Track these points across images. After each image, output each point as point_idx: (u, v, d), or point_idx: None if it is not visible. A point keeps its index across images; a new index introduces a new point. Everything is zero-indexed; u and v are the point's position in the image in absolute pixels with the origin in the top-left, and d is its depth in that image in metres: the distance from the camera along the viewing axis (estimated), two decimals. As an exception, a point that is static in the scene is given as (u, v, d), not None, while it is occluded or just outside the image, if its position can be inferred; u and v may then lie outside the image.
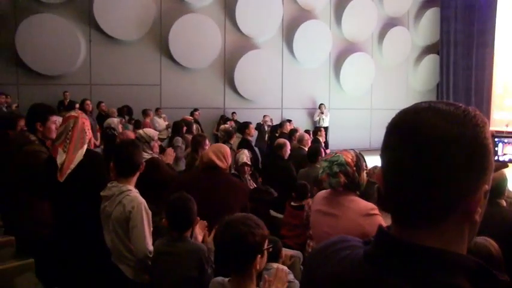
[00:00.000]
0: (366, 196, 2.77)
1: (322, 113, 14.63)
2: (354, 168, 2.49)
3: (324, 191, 2.80)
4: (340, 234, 1.91)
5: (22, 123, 4.26)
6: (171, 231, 2.72)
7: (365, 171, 2.60)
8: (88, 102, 9.81)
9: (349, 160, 2.51)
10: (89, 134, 3.13)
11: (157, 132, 4.96)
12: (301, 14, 14.94)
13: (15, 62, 11.98)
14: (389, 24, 16.34)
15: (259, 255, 1.95)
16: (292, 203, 4.75)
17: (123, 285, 2.78)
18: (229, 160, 3.71)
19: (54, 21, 12.04)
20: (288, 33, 14.88)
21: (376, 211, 2.42)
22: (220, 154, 3.54)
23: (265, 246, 2.00)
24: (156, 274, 2.71)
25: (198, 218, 2.78)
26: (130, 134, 5.75)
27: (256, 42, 14.50)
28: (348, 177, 2.48)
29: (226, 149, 3.73)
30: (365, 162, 2.69)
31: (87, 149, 2.99)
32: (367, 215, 2.40)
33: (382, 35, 16.29)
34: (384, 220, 2.27)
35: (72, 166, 2.94)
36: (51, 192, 3.08)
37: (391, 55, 16.45)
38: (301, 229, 4.50)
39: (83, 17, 12.62)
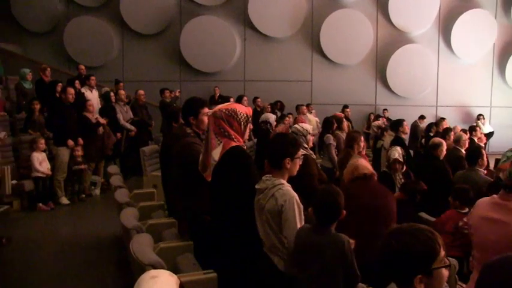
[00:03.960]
0: None
1: (478, 120, 13.17)
2: None
3: (488, 197, 2.56)
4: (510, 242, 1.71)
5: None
6: (316, 222, 2.77)
7: None
8: (245, 98, 10.30)
9: None
10: (230, 131, 3.06)
11: (312, 127, 5.03)
12: (460, 4, 13.82)
13: (178, 61, 13.27)
14: None
15: (422, 274, 1.59)
16: (459, 210, 4.38)
17: (273, 275, 2.86)
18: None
19: (213, 22, 13.00)
20: (446, 25, 13.87)
21: None
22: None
23: (437, 265, 1.62)
24: (300, 264, 2.76)
25: (344, 212, 2.77)
26: (282, 129, 5.89)
27: (410, 36, 13.81)
28: None
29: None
30: None
31: (231, 146, 3.02)
32: None
33: None
34: None
35: (211, 168, 3.04)
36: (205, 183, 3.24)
37: None
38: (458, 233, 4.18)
39: (239, 17, 13.38)
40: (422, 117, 12.22)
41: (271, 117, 6.85)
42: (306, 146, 4.50)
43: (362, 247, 2.93)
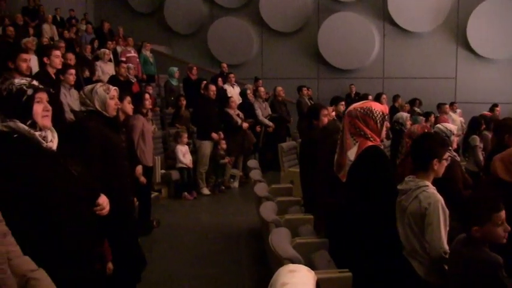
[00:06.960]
0: None
1: None
2: None
3: None
4: None
5: (325, 112, 4.68)
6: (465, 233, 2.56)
7: None
8: (384, 96, 9.96)
9: None
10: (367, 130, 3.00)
11: (456, 127, 4.74)
12: None
13: (316, 58, 13.32)
14: None
15: None
16: None
17: (412, 281, 2.74)
18: None
19: (351, 19, 12.84)
20: None
21: None
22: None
23: None
24: (449, 272, 2.61)
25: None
26: (418, 128, 5.58)
27: None
28: None
29: None
30: None
31: (368, 146, 2.96)
32: None
33: None
34: None
35: (346, 168, 3.00)
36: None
37: None
38: None
39: (378, 12, 13.02)
40: None
41: (403, 117, 6.55)
42: (450, 147, 4.24)
43: None
